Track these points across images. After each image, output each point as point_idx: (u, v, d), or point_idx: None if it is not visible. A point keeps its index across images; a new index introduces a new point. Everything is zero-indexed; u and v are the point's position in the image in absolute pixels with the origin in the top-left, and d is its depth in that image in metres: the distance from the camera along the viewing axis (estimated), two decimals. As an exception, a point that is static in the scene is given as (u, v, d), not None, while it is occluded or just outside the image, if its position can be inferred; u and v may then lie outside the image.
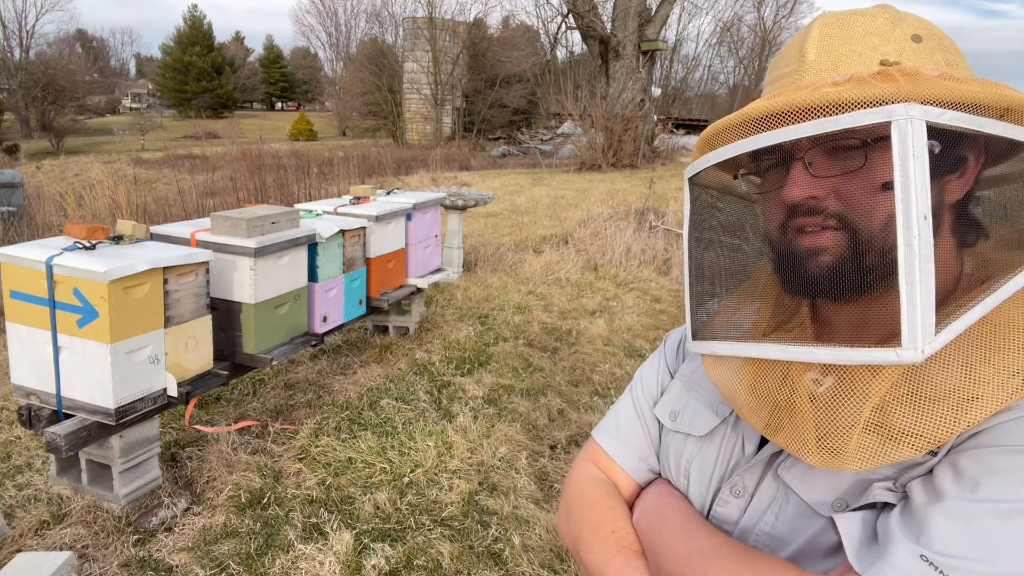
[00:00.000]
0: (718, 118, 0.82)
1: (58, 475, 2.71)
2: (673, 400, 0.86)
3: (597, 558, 0.77)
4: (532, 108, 31.42)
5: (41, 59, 39.52)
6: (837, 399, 0.60)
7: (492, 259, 6.90)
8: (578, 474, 0.89)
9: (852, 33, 0.66)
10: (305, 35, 76.15)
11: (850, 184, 0.62)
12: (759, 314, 0.74)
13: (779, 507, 0.70)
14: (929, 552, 0.54)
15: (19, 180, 8.92)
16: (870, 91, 0.57)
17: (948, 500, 0.56)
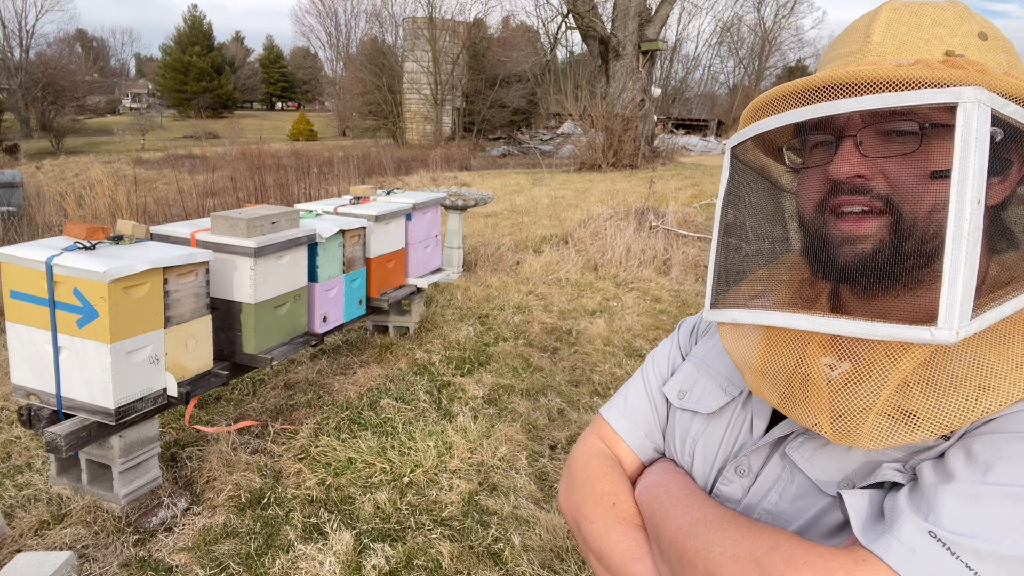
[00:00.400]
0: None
1: (58, 475, 2.71)
2: (682, 379, 0.87)
3: (597, 528, 0.78)
4: (532, 108, 31.43)
5: (41, 59, 39.51)
6: (856, 378, 0.60)
7: (492, 259, 6.90)
8: (583, 448, 0.89)
9: (921, 21, 0.66)
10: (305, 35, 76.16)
11: (900, 167, 0.62)
12: (781, 292, 0.74)
13: (784, 486, 0.70)
14: (937, 529, 0.54)
15: (19, 180, 8.92)
16: (938, 74, 0.57)
17: (959, 481, 0.56)
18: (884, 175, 0.63)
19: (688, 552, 0.66)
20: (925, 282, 0.60)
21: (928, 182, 0.60)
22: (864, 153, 0.63)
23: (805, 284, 0.74)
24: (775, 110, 0.67)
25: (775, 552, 0.59)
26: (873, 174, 0.63)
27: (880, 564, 0.54)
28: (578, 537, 0.82)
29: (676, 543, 0.68)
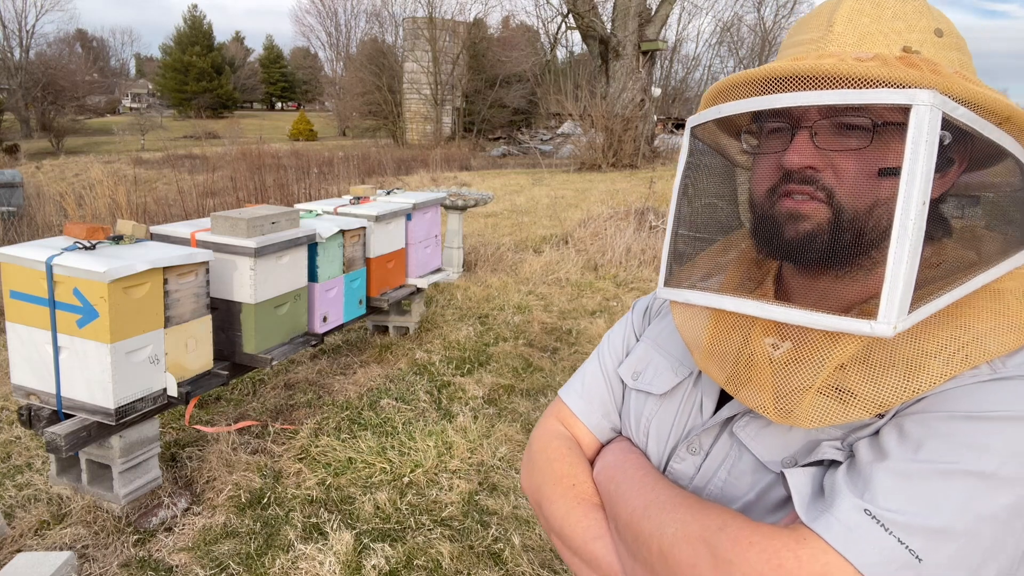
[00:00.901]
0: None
1: (58, 475, 2.71)
2: (636, 360, 0.90)
3: (558, 509, 0.81)
4: (532, 108, 31.42)
5: (41, 59, 39.50)
6: (796, 361, 0.63)
7: (492, 259, 6.90)
8: (543, 430, 0.92)
9: (882, 14, 0.67)
10: (305, 35, 76.08)
11: (849, 162, 0.64)
12: (731, 272, 0.77)
13: (732, 463, 0.73)
14: (872, 507, 0.57)
15: (19, 180, 8.92)
16: (895, 73, 0.59)
17: (892, 460, 0.59)
18: (833, 168, 0.65)
19: (643, 533, 0.68)
20: (864, 270, 0.65)
21: (874, 179, 0.63)
22: (818, 145, 0.66)
23: (753, 265, 0.77)
24: (739, 95, 0.69)
25: (723, 532, 0.61)
26: (824, 166, 0.66)
27: (820, 541, 0.57)
28: (540, 517, 0.85)
29: (632, 524, 0.71)
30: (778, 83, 0.65)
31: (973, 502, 0.56)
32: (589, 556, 0.76)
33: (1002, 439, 0.57)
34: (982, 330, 0.62)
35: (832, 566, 0.56)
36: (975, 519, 0.55)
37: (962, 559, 0.55)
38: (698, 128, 0.76)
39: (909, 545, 0.55)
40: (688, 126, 0.77)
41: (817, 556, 0.56)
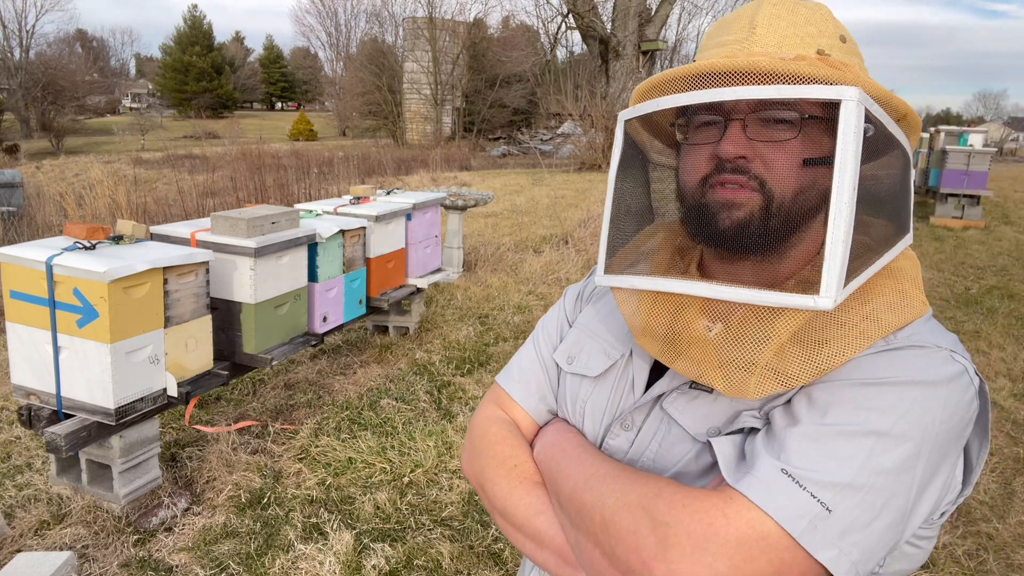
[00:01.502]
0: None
1: (58, 475, 2.71)
2: (570, 345, 0.94)
3: (501, 489, 0.85)
4: (532, 108, 31.40)
5: (41, 59, 39.49)
6: (739, 340, 0.68)
7: (492, 259, 6.90)
8: (483, 416, 0.95)
9: (796, 19, 0.74)
10: (305, 35, 76.07)
11: (776, 153, 0.70)
12: (658, 259, 0.82)
13: (662, 436, 0.79)
14: (788, 466, 0.64)
15: (19, 180, 8.92)
16: (823, 72, 0.66)
17: (803, 424, 0.67)
18: (762, 158, 0.71)
19: (585, 505, 0.73)
20: (785, 252, 0.72)
21: (799, 168, 0.70)
22: (749, 136, 0.71)
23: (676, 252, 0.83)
24: (676, 89, 0.73)
25: (659, 498, 0.67)
26: (753, 156, 0.71)
27: (744, 500, 0.63)
28: (483, 498, 0.89)
29: (574, 497, 0.75)
30: (716, 78, 0.70)
31: (872, 458, 0.63)
32: (532, 531, 0.80)
33: (893, 401, 0.65)
34: (880, 306, 0.70)
35: (756, 520, 0.62)
36: (874, 472, 0.63)
37: (865, 508, 0.62)
38: (632, 120, 0.80)
39: (820, 498, 0.62)
40: (621, 119, 0.80)
41: (742, 513, 0.63)
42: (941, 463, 0.67)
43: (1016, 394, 4.10)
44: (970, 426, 0.70)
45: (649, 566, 0.64)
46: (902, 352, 0.69)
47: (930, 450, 0.65)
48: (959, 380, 0.68)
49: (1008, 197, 12.35)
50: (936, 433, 0.65)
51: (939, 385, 0.67)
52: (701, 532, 0.63)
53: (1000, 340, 5.00)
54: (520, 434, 0.91)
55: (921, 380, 0.66)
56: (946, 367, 0.68)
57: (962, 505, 2.95)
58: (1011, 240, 9.02)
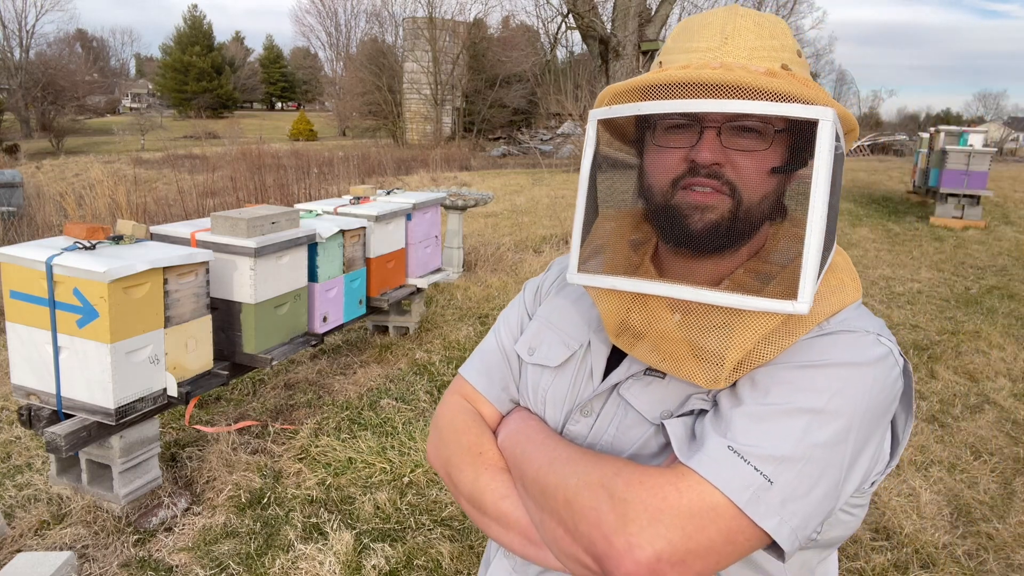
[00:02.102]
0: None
1: (58, 475, 2.71)
2: (531, 337, 0.98)
3: (467, 476, 0.89)
4: (532, 108, 31.39)
5: (41, 59, 39.50)
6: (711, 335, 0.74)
7: (492, 259, 6.90)
8: (448, 406, 1.00)
9: (761, 32, 0.79)
10: (305, 35, 76.02)
11: (747, 161, 0.76)
12: (613, 254, 0.86)
13: (619, 421, 0.85)
14: (733, 443, 0.70)
15: (19, 180, 8.91)
16: (800, 90, 0.71)
17: (746, 404, 0.73)
18: (732, 165, 0.76)
19: (549, 486, 0.78)
20: (744, 251, 0.80)
21: (767, 175, 0.76)
22: (724, 144, 0.75)
23: (629, 247, 0.88)
24: (658, 95, 0.76)
25: (618, 477, 0.72)
26: (726, 162, 0.76)
27: (695, 475, 0.69)
28: (450, 486, 0.93)
29: (538, 479, 0.80)
30: (700, 89, 0.73)
31: (808, 433, 0.70)
32: (498, 514, 0.84)
33: (826, 382, 0.72)
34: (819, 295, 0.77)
35: (705, 493, 0.68)
36: (810, 446, 0.70)
37: (803, 479, 0.69)
38: (605, 121, 0.83)
39: (762, 471, 0.68)
40: (595, 119, 0.83)
41: (693, 487, 0.69)
42: (870, 436, 0.74)
43: (1016, 394, 4.10)
44: (895, 402, 0.77)
45: (610, 539, 0.69)
46: (834, 336, 0.76)
47: (860, 425, 0.72)
48: (885, 361, 0.75)
49: (1008, 197, 12.35)
50: (865, 409, 0.73)
51: (867, 366, 0.74)
52: (656, 506, 0.68)
53: (1000, 340, 5.00)
54: (484, 423, 0.96)
55: (851, 362, 0.74)
56: (873, 349, 0.75)
57: (962, 505, 2.95)
58: (1011, 240, 9.02)
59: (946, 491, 3.05)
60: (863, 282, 6.56)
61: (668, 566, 0.67)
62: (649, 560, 0.66)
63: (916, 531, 2.74)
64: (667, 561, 0.66)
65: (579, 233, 0.84)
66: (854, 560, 2.57)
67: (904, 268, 7.29)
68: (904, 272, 7.10)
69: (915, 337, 5.05)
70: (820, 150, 0.68)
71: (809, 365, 0.74)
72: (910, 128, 38.33)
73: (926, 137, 11.63)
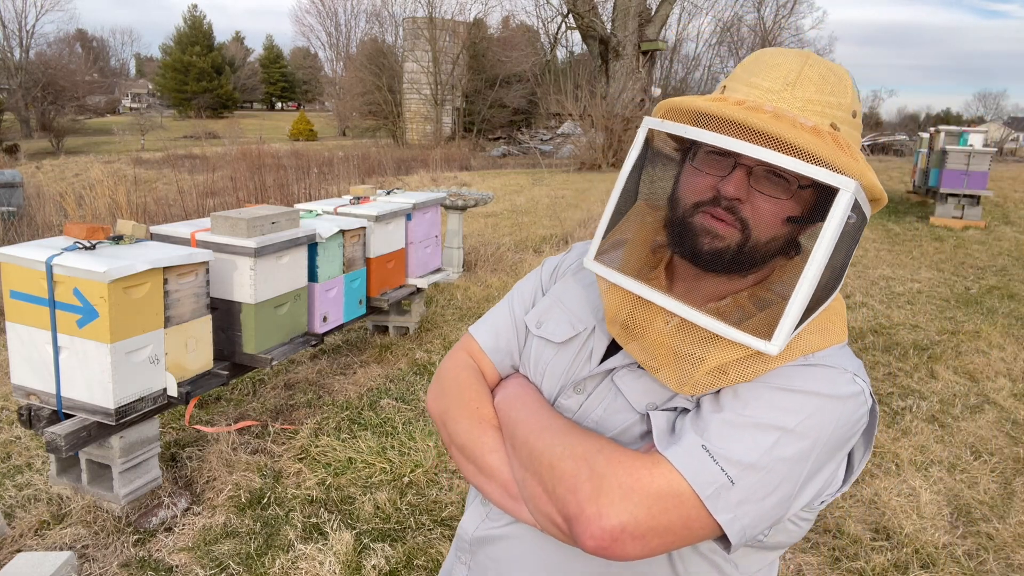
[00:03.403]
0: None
1: (58, 475, 2.71)
2: (541, 311, 1.05)
3: (462, 427, 0.96)
4: (532, 108, 31.37)
5: (41, 59, 39.48)
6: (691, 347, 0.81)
7: (492, 259, 6.90)
8: (453, 361, 1.07)
9: (824, 86, 0.83)
10: (305, 35, 75.95)
11: (767, 205, 0.82)
12: (635, 255, 0.93)
13: (608, 404, 0.92)
14: (707, 443, 0.78)
15: (19, 180, 8.91)
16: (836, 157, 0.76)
17: (725, 412, 0.80)
18: (752, 205, 0.82)
19: (536, 449, 0.86)
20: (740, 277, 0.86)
21: (780, 221, 0.82)
22: (751, 185, 0.82)
23: (649, 251, 0.94)
24: (711, 126, 0.81)
25: (600, 453, 0.81)
26: (747, 200, 0.82)
27: (668, 464, 0.78)
28: (443, 434, 1.00)
29: (528, 442, 0.88)
30: (742, 130, 0.78)
31: (776, 448, 0.77)
32: (484, 465, 0.92)
33: (801, 406, 0.79)
34: (807, 330, 0.84)
35: (674, 481, 0.76)
36: (775, 459, 0.77)
37: (762, 485, 0.77)
38: (653, 131, 0.89)
39: (728, 472, 0.76)
40: (646, 126, 0.89)
41: (664, 474, 0.77)
42: (828, 461, 0.82)
43: (1016, 394, 4.10)
44: (856, 437, 0.84)
45: (582, 506, 0.77)
46: (816, 368, 0.83)
47: (821, 449, 0.80)
48: (856, 398, 0.82)
49: (1008, 197, 12.35)
50: (828, 436, 0.80)
51: (838, 399, 0.81)
52: (629, 484, 0.76)
53: (1000, 340, 5.00)
54: (484, 381, 1.03)
55: (825, 393, 0.81)
56: (847, 386, 0.82)
57: (962, 505, 2.95)
58: (1011, 240, 9.02)
59: (946, 491, 3.05)
60: (863, 282, 6.59)
61: (630, 538, 0.75)
62: (614, 529, 0.75)
63: (916, 531, 2.74)
64: (630, 534, 0.75)
65: (606, 222, 0.91)
66: (854, 560, 2.57)
67: (904, 268, 7.29)
68: (904, 272, 7.10)
69: (915, 337, 5.05)
70: (832, 216, 0.74)
71: (789, 389, 0.81)
72: (910, 128, 38.33)
73: (926, 137, 11.63)
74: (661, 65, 34.36)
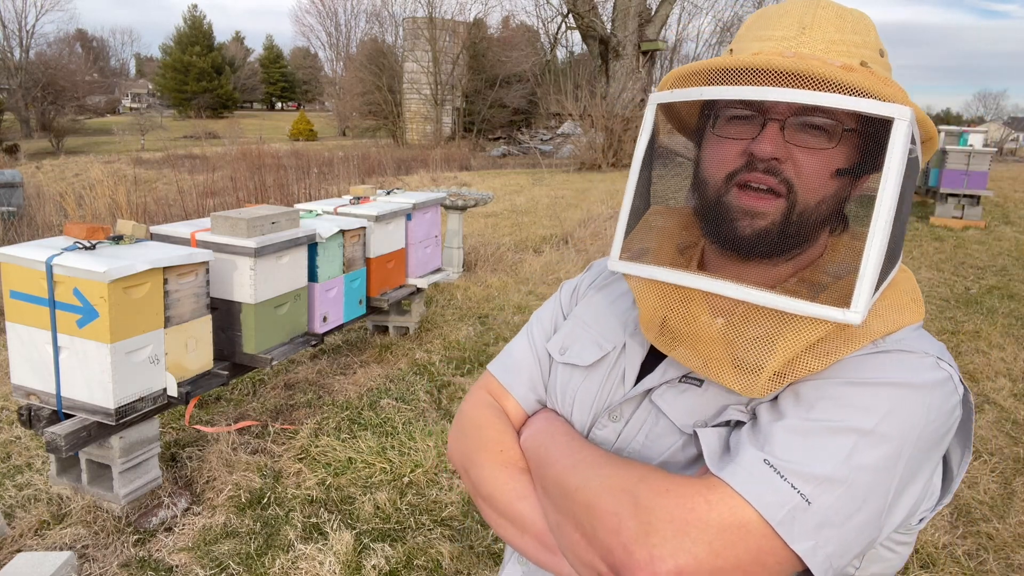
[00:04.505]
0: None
1: (58, 475, 2.71)
2: (564, 336, 0.94)
3: (486, 473, 0.85)
4: (532, 108, 31.37)
5: (41, 59, 39.48)
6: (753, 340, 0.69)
7: (492, 259, 6.90)
8: (472, 401, 0.96)
9: (843, 25, 0.73)
10: (305, 35, 76.08)
11: (810, 159, 0.70)
12: (674, 247, 0.83)
13: (649, 428, 0.80)
14: (771, 457, 0.65)
15: (19, 180, 8.91)
16: (877, 86, 0.65)
17: (788, 418, 0.68)
18: (794, 162, 0.70)
19: (570, 487, 0.73)
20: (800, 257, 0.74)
21: (829, 177, 0.70)
22: (786, 139, 0.70)
23: (689, 240, 0.84)
24: (724, 80, 0.71)
25: (643, 483, 0.68)
26: (787, 158, 0.70)
27: (727, 488, 0.64)
28: (467, 482, 0.89)
29: (560, 480, 0.75)
30: (768, 76, 0.68)
31: (854, 454, 0.64)
32: (514, 515, 0.80)
33: (879, 401, 0.66)
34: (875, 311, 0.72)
35: (737, 508, 0.63)
36: (855, 468, 0.64)
37: (844, 502, 0.63)
38: (663, 106, 0.79)
39: (800, 490, 0.63)
40: (654, 102, 0.78)
41: (724, 500, 0.64)
42: (921, 466, 0.68)
43: (1016, 394, 4.10)
44: (951, 433, 0.71)
45: (629, 549, 0.64)
46: (889, 355, 0.70)
47: (911, 452, 0.66)
48: (943, 386, 0.69)
49: (1008, 197, 12.35)
50: (917, 436, 0.66)
51: (922, 389, 0.68)
52: (683, 517, 0.63)
53: (1000, 340, 5.00)
54: (508, 420, 0.91)
55: (905, 383, 0.67)
56: (931, 372, 0.69)
57: (962, 505, 2.95)
58: (1011, 240, 9.02)
59: (946, 491, 3.05)
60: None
61: None
62: (669, 574, 0.61)
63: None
64: None
65: (625, 220, 0.80)
66: (854, 560, 2.57)
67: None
68: (904, 272, 7.09)
69: (915, 337, 5.05)
70: (892, 152, 0.62)
71: (860, 382, 0.68)
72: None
73: (926, 137, 11.62)
74: (661, 65, 34.36)
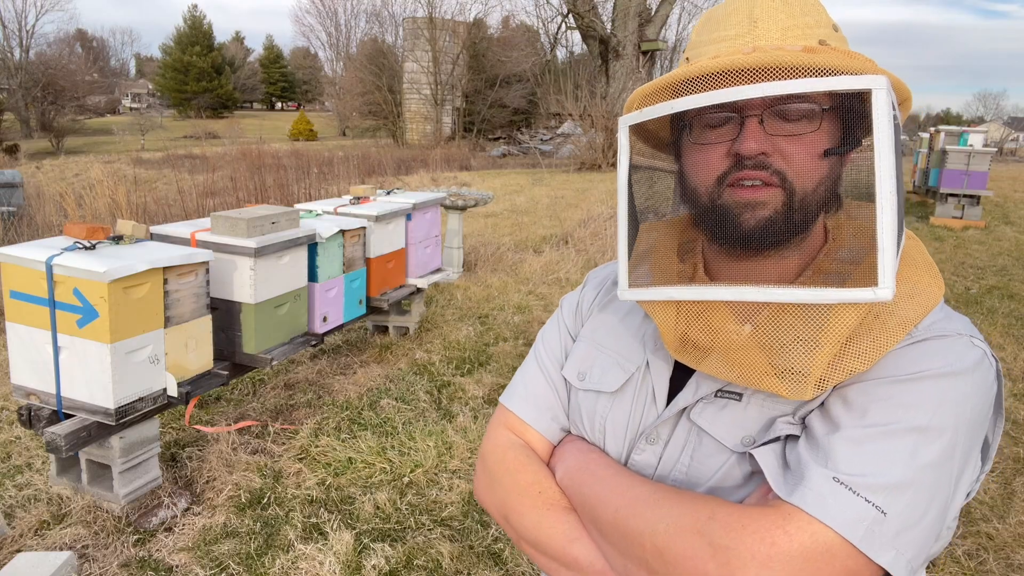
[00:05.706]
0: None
1: (58, 475, 2.71)
2: (579, 361, 0.90)
3: (530, 520, 0.81)
4: (532, 108, 31.38)
5: (41, 59, 39.49)
6: (791, 342, 0.67)
7: (492, 259, 6.90)
8: (495, 442, 0.91)
9: (793, 11, 0.72)
10: (305, 35, 76.10)
11: (795, 146, 0.69)
12: (675, 261, 0.81)
13: (693, 449, 0.77)
14: (838, 474, 0.64)
15: (19, 180, 8.90)
16: (845, 62, 0.65)
17: (844, 428, 0.66)
18: (780, 152, 0.69)
19: (632, 531, 0.70)
20: (808, 244, 0.73)
21: (819, 159, 0.69)
22: (768, 132, 0.69)
23: (688, 253, 0.82)
24: (694, 89, 0.70)
25: (714, 520, 0.65)
26: (773, 151, 0.69)
27: (802, 514, 0.62)
28: (508, 531, 0.85)
29: (618, 524, 0.72)
30: (736, 76, 0.68)
31: (916, 455, 0.64)
32: (569, 559, 0.76)
33: (928, 395, 0.66)
34: (900, 296, 0.69)
35: (818, 534, 0.61)
36: (919, 468, 0.63)
37: (915, 505, 0.63)
38: (636, 128, 0.77)
39: (874, 502, 0.62)
40: (625, 124, 0.76)
41: (803, 528, 0.62)
42: (972, 449, 0.69)
43: (1016, 394, 4.10)
44: (992, 408, 0.71)
45: None
46: (927, 344, 0.69)
47: (964, 438, 0.67)
48: (980, 366, 0.69)
49: (1008, 197, 12.35)
50: (968, 420, 0.67)
51: (966, 374, 0.68)
52: (764, 552, 0.62)
53: (1000, 340, 5.00)
54: (538, 459, 0.87)
55: (950, 371, 0.67)
56: (969, 354, 0.69)
57: (962, 505, 2.95)
58: (1011, 240, 9.02)
59: (946, 491, 3.05)
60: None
61: None
62: None
63: (916, 531, 2.73)
64: None
65: (625, 248, 0.78)
66: (854, 560, 2.57)
67: (904, 268, 7.28)
68: (904, 272, 7.09)
69: (915, 337, 5.05)
70: (879, 120, 0.61)
71: (906, 379, 0.67)
72: (910, 128, 38.30)
73: (926, 137, 11.64)
74: (661, 65, 34.35)
